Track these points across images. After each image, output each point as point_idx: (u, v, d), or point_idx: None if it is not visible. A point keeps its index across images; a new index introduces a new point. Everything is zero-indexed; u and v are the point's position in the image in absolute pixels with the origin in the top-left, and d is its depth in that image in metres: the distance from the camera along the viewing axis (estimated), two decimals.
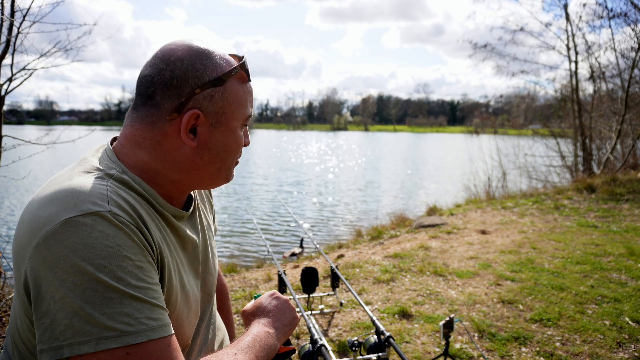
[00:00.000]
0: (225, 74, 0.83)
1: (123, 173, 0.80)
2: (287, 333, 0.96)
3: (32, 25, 2.67)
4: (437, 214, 7.09)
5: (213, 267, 1.03)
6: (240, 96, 0.86)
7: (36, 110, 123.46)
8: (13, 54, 2.67)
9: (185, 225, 0.92)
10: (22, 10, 2.61)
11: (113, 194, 0.73)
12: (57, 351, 0.65)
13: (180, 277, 0.85)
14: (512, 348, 2.67)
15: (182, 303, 0.84)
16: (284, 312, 0.97)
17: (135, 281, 0.68)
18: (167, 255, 0.81)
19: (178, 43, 0.83)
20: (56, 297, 0.65)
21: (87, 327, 0.64)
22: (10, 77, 2.70)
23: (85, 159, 0.83)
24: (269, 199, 13.12)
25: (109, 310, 0.65)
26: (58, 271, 0.65)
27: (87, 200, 0.70)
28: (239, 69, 0.85)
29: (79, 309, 0.64)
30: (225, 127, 0.86)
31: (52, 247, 0.66)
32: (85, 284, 0.65)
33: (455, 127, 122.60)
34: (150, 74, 0.81)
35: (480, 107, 15.45)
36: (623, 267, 4.00)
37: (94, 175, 0.77)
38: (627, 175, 8.57)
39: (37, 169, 17.53)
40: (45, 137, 3.03)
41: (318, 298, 3.35)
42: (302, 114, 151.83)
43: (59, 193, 0.71)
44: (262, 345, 0.86)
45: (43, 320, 0.66)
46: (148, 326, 0.68)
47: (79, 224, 0.67)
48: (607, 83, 10.95)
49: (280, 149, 41.95)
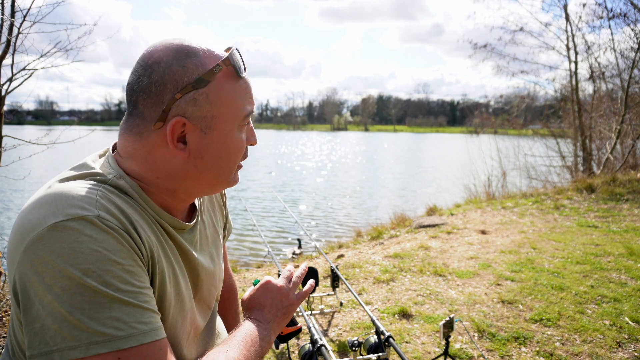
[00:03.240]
0: (207, 73, 0.75)
1: (120, 178, 0.78)
2: (284, 319, 0.96)
3: (32, 26, 2.67)
4: (437, 214, 7.09)
5: (216, 278, 1.00)
6: (230, 95, 0.79)
7: (36, 110, 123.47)
8: (13, 54, 2.67)
9: (186, 237, 0.89)
10: (23, 11, 2.61)
11: (102, 199, 0.72)
12: (47, 356, 0.64)
13: (176, 285, 0.83)
14: (512, 348, 2.67)
15: (175, 311, 0.83)
16: (275, 304, 0.96)
17: (125, 285, 0.67)
18: (162, 262, 0.79)
19: (158, 44, 0.77)
20: (44, 302, 0.64)
21: (76, 332, 0.63)
22: (10, 77, 2.70)
23: (84, 164, 0.81)
24: (269, 198, 13.12)
25: (98, 315, 0.64)
26: (45, 276, 0.64)
27: (75, 204, 0.69)
28: (223, 65, 0.77)
29: (67, 314, 0.63)
30: (218, 131, 0.79)
31: (39, 252, 0.65)
32: (73, 289, 0.64)
33: (455, 127, 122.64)
34: (131, 81, 0.76)
35: (480, 107, 15.39)
36: (623, 267, 4.00)
37: (87, 180, 0.76)
38: (627, 175, 8.57)
39: (37, 169, 17.52)
40: (45, 137, 3.03)
41: (318, 298, 3.35)
42: (302, 114, 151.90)
43: (48, 197, 0.70)
44: (253, 339, 0.86)
45: (33, 325, 0.65)
46: (139, 330, 0.67)
47: (66, 228, 0.66)
48: (607, 83, 10.96)
49: (281, 149, 41.93)
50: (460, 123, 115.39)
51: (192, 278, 0.90)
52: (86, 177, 0.77)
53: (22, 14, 2.60)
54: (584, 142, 10.35)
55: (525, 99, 12.27)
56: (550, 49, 11.01)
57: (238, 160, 0.86)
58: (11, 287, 0.70)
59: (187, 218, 0.93)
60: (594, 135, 10.50)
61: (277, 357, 2.64)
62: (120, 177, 0.78)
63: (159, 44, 0.77)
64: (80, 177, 0.77)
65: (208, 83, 0.76)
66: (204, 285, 0.94)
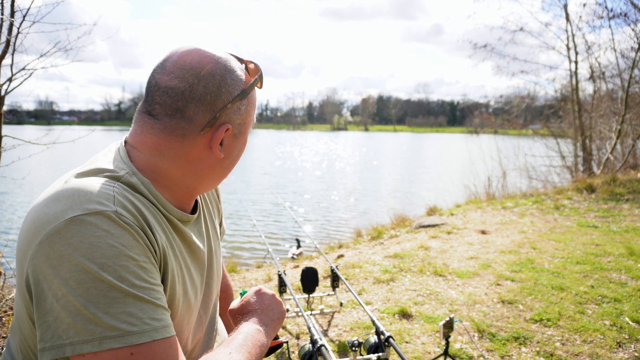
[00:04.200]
0: (250, 87, 0.86)
1: (133, 175, 0.79)
2: (276, 328, 0.97)
3: (32, 26, 2.67)
4: (437, 214, 7.09)
5: (217, 272, 1.02)
6: (254, 104, 0.90)
7: (36, 110, 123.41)
8: (13, 54, 2.67)
9: (192, 229, 0.91)
10: (22, 11, 2.61)
11: (119, 195, 0.73)
12: (60, 350, 0.64)
13: (183, 284, 0.85)
14: (512, 348, 2.67)
15: (183, 309, 0.84)
16: (271, 308, 0.97)
17: (139, 281, 0.68)
18: (172, 261, 0.80)
19: (202, 54, 0.82)
20: (58, 295, 0.65)
21: (90, 326, 0.64)
22: (10, 77, 2.70)
23: (96, 159, 0.83)
24: (269, 198, 13.12)
25: (112, 309, 0.65)
26: (61, 269, 0.65)
27: (94, 199, 0.70)
28: (259, 80, 0.88)
29: (82, 307, 0.64)
30: (243, 135, 0.89)
31: (55, 245, 0.66)
32: (88, 283, 0.65)
33: (455, 127, 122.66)
34: (179, 87, 0.79)
35: (480, 107, 15.38)
36: (623, 267, 4.00)
37: (102, 176, 0.77)
38: (627, 175, 8.58)
39: (37, 169, 17.52)
40: (45, 137, 3.03)
41: (318, 298, 3.35)
42: (302, 114, 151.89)
43: (65, 192, 0.71)
44: (254, 342, 0.86)
45: (45, 318, 0.66)
46: (151, 326, 0.68)
47: (84, 222, 0.67)
48: (607, 83, 10.95)
49: (281, 149, 41.93)
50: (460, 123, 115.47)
51: (200, 270, 0.92)
52: (100, 173, 0.78)
53: (22, 14, 2.60)
54: (584, 142, 10.35)
55: (525, 99, 12.27)
56: (550, 48, 11.01)
57: None
58: (23, 280, 0.70)
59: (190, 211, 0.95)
60: (594, 135, 10.50)
61: (277, 357, 2.64)
62: (133, 174, 0.80)
63: (201, 54, 0.82)
64: (95, 172, 0.78)
65: (248, 94, 0.86)
66: (208, 278, 0.97)
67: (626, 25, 9.83)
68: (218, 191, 1.15)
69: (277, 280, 2.99)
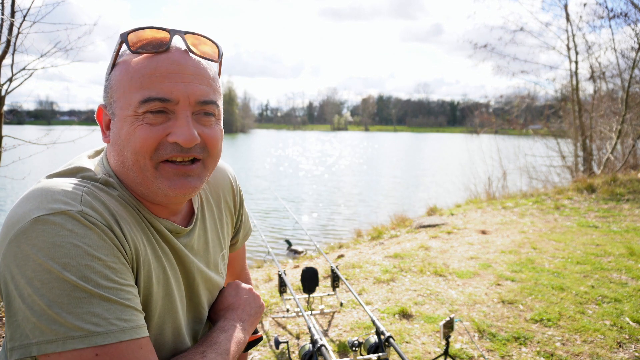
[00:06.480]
0: (114, 56, 0.78)
1: (110, 177, 0.79)
2: (254, 323, 0.96)
3: (32, 26, 2.68)
4: (438, 214, 7.09)
5: (212, 283, 0.98)
6: (124, 76, 0.76)
7: (36, 111, 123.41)
8: (13, 54, 2.68)
9: (183, 240, 0.88)
10: (22, 11, 2.61)
11: (88, 195, 0.72)
12: (27, 349, 0.64)
13: (165, 286, 0.83)
14: (513, 348, 2.67)
15: (164, 311, 0.83)
16: (248, 303, 0.97)
17: (106, 282, 0.67)
18: (150, 262, 0.79)
19: None
20: (24, 295, 0.64)
21: (54, 326, 0.63)
22: (10, 77, 2.70)
23: (79, 158, 0.83)
24: (269, 198, 13.12)
25: (76, 309, 0.64)
26: (26, 269, 0.65)
27: (59, 199, 0.69)
28: (120, 40, 0.76)
29: (46, 307, 0.64)
30: (117, 117, 0.77)
31: (21, 244, 0.66)
32: (52, 283, 0.64)
33: (456, 127, 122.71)
34: None
35: (480, 107, 15.38)
36: (623, 267, 3.99)
37: (78, 176, 0.77)
38: (627, 175, 8.58)
39: (37, 169, 17.53)
40: (45, 137, 3.03)
41: (318, 298, 3.35)
42: (302, 114, 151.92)
43: (35, 191, 0.71)
44: (229, 339, 0.85)
45: (15, 318, 0.66)
46: (118, 327, 0.67)
47: (48, 222, 0.66)
48: (607, 83, 10.96)
49: (281, 148, 41.93)
50: (461, 123, 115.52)
51: (187, 281, 0.90)
52: (78, 173, 0.77)
53: (22, 14, 2.61)
54: (585, 142, 10.35)
55: (525, 99, 12.26)
56: (550, 48, 11.01)
57: (152, 155, 0.78)
58: None
59: (185, 222, 0.92)
60: (595, 135, 10.49)
61: (277, 357, 2.64)
62: (110, 176, 0.79)
63: None
64: (72, 172, 0.78)
65: (114, 66, 0.81)
66: (199, 288, 0.93)
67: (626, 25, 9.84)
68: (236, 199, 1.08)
69: (278, 280, 2.99)
